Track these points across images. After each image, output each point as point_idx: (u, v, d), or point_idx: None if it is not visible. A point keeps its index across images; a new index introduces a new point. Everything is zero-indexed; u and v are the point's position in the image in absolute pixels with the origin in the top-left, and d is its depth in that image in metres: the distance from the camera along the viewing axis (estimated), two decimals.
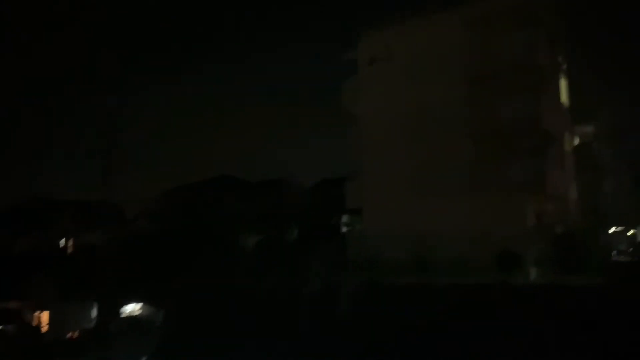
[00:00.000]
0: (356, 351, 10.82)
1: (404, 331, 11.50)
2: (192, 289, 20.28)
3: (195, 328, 13.52)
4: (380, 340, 10.88)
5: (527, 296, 18.45)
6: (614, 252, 36.38)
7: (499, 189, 28.09)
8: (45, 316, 30.29)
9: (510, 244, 25.49)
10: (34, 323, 29.99)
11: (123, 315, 32.05)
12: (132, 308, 32.68)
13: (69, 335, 29.37)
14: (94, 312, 31.29)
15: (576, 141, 39.07)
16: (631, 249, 38.09)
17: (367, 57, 34.39)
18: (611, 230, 44.39)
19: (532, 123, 28.89)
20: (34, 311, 30.20)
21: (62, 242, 51.25)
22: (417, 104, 31.58)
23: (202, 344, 12.85)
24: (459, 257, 25.94)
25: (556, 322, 12.39)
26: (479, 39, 30.76)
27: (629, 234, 53.34)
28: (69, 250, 49.22)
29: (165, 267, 30.82)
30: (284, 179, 63.61)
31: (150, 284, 29.01)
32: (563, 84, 35.79)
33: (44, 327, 30.01)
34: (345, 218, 48.83)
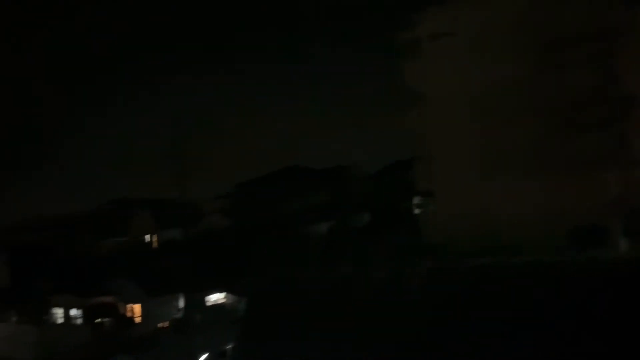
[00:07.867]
0: (429, 335, 10.89)
1: (480, 313, 11.45)
2: (269, 279, 20.93)
3: (274, 316, 14.02)
4: (453, 323, 10.89)
5: (611, 272, 17.71)
6: None
7: (574, 163, 26.90)
8: (137, 309, 32.38)
9: (589, 219, 24.47)
10: (128, 316, 32.11)
11: (208, 305, 33.73)
12: (216, 298, 34.26)
13: (159, 325, 31.31)
14: (181, 304, 33.06)
15: None
16: None
17: (430, 33, 33.39)
18: None
19: (607, 90, 27.34)
20: (127, 305, 32.33)
21: (144, 240, 53.97)
22: (484, 78, 30.45)
23: (281, 331, 13.32)
24: (533, 235, 25.13)
25: None
26: (545, 3, 29.28)
27: None
28: (152, 247, 51.89)
29: (242, 259, 32.00)
30: (349, 165, 63.61)
31: (228, 276, 30.12)
32: None
33: (137, 319, 32.09)
34: (416, 200, 48.21)
